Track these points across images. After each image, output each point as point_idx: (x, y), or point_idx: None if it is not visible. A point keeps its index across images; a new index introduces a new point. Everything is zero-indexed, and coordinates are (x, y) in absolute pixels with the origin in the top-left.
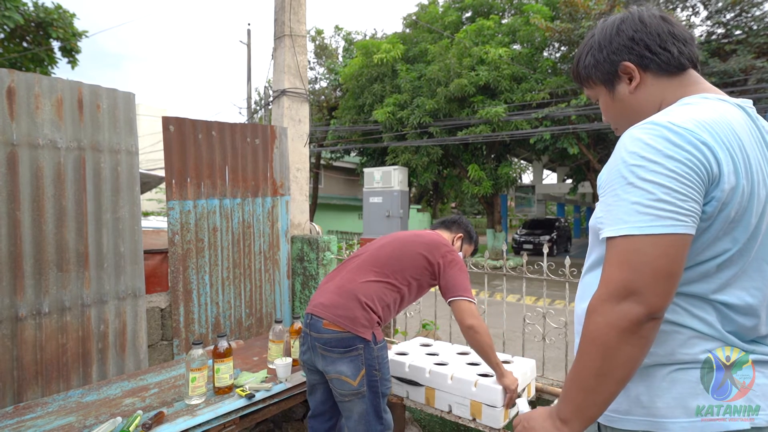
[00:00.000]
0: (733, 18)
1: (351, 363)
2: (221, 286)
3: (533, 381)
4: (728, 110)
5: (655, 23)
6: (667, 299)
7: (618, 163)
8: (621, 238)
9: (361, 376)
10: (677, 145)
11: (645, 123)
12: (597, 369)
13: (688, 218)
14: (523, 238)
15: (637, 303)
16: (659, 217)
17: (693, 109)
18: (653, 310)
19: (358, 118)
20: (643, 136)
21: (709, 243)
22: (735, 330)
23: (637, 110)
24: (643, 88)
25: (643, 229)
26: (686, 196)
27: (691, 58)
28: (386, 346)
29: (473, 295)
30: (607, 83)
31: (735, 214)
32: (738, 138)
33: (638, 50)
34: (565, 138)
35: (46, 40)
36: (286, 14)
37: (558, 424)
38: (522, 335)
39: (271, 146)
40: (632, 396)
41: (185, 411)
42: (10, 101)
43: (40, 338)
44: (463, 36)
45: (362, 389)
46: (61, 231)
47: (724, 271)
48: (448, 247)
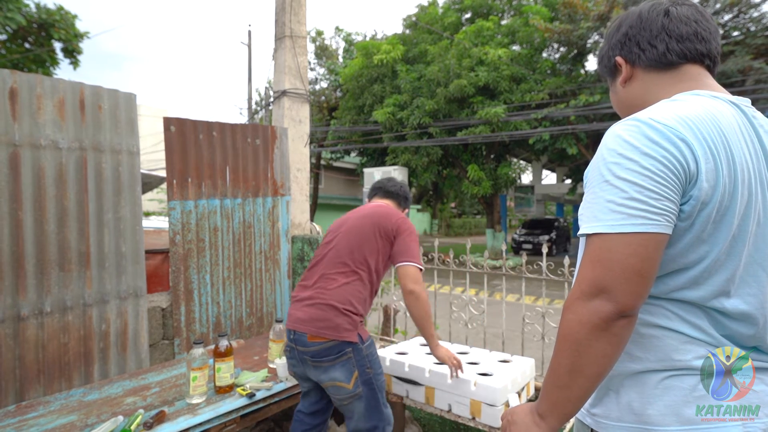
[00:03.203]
0: (731, 19)
1: (343, 368)
2: (222, 286)
3: (532, 380)
4: (717, 107)
5: (653, 18)
6: (637, 298)
7: (599, 160)
8: (595, 236)
9: (355, 378)
10: (654, 141)
11: (628, 119)
12: (569, 366)
13: (660, 217)
14: (522, 238)
15: (607, 300)
16: (631, 215)
17: (678, 105)
18: (623, 309)
19: (358, 118)
20: (623, 133)
21: (692, 244)
22: (730, 335)
23: (627, 104)
24: (634, 82)
25: (615, 227)
26: (660, 194)
27: (685, 55)
28: (373, 342)
29: (422, 262)
30: (610, 76)
31: (716, 214)
32: (723, 135)
33: (629, 46)
34: (564, 138)
35: (48, 41)
36: (287, 15)
37: (536, 419)
38: (521, 335)
39: (271, 146)
40: (624, 402)
41: (186, 410)
42: (12, 102)
43: (42, 337)
44: (462, 37)
45: (358, 390)
46: (62, 231)
47: (714, 276)
48: (401, 216)
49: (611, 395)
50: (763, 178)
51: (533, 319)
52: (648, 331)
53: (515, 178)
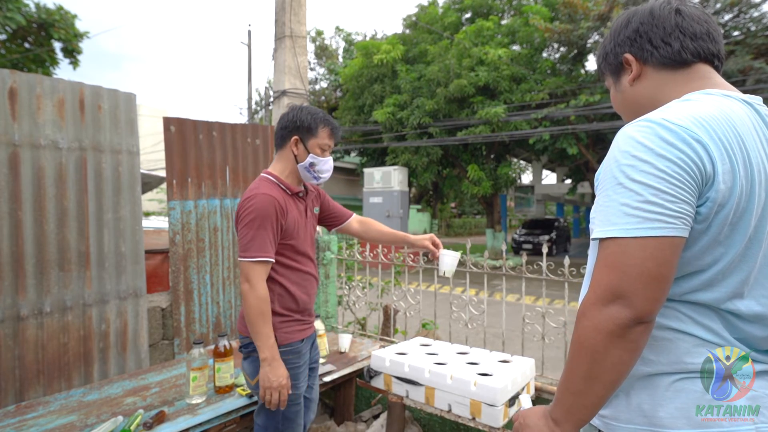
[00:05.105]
0: (731, 19)
1: (252, 364)
2: (222, 286)
3: (532, 380)
4: (731, 106)
5: (665, 15)
6: (655, 303)
7: (611, 162)
8: (609, 240)
9: (257, 379)
10: (669, 142)
11: (640, 120)
12: (585, 373)
13: (677, 220)
14: (522, 238)
15: (624, 306)
16: (647, 219)
17: (691, 105)
18: (641, 315)
19: (358, 118)
20: (636, 134)
21: (708, 246)
22: (744, 338)
23: (634, 103)
24: (644, 81)
25: (630, 231)
26: (676, 197)
27: (699, 54)
28: (295, 351)
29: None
30: (614, 75)
31: (733, 216)
32: (738, 135)
33: (640, 42)
34: (564, 138)
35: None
36: (287, 15)
37: (551, 424)
38: (521, 335)
39: (271, 146)
40: (634, 404)
41: (186, 410)
42: (12, 102)
43: (41, 337)
44: (462, 37)
45: (258, 391)
46: (62, 231)
47: (729, 279)
48: (243, 199)
49: (621, 397)
50: None
51: (533, 319)
52: (660, 333)
53: (515, 178)
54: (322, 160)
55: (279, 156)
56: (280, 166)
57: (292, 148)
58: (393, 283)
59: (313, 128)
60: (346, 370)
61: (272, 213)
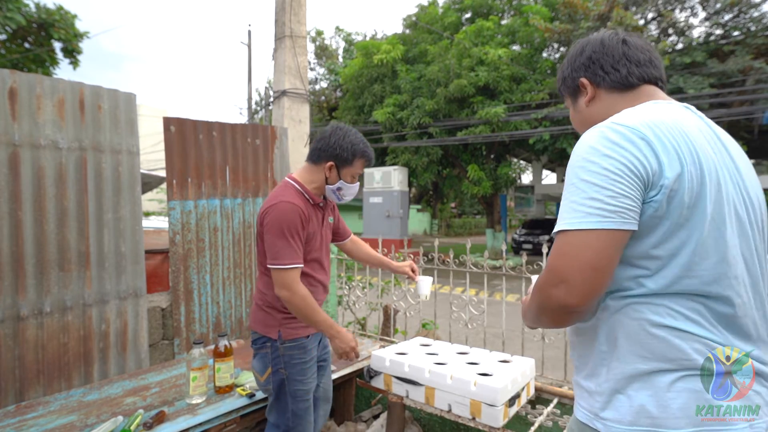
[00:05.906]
0: (731, 19)
1: (261, 360)
2: (222, 286)
3: (532, 380)
4: (675, 109)
5: (613, 45)
6: (591, 290)
7: (569, 165)
8: (560, 233)
9: (268, 374)
10: (614, 142)
11: (595, 127)
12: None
13: (615, 215)
14: (522, 238)
15: (565, 293)
16: (588, 214)
17: (638, 110)
18: (578, 302)
19: (358, 118)
20: (589, 140)
21: (672, 231)
22: (735, 331)
23: (590, 121)
24: (597, 101)
25: (574, 224)
26: (616, 192)
27: (643, 78)
28: (301, 346)
29: (291, 259)
30: (572, 96)
31: (689, 200)
32: (683, 132)
33: (593, 68)
34: (564, 138)
35: (47, 41)
36: (287, 15)
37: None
38: (521, 334)
39: (271, 146)
40: (637, 405)
41: (186, 410)
42: (11, 102)
43: (41, 337)
44: (462, 37)
45: (268, 386)
46: (62, 231)
47: (706, 261)
48: (268, 207)
49: (621, 398)
50: (731, 170)
51: None
52: (656, 331)
53: (515, 178)
54: (350, 186)
55: (310, 168)
56: (309, 178)
57: (325, 170)
58: (393, 283)
59: (350, 159)
60: (346, 370)
61: (298, 222)
